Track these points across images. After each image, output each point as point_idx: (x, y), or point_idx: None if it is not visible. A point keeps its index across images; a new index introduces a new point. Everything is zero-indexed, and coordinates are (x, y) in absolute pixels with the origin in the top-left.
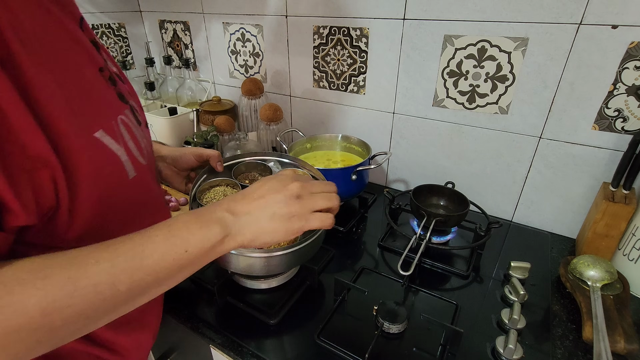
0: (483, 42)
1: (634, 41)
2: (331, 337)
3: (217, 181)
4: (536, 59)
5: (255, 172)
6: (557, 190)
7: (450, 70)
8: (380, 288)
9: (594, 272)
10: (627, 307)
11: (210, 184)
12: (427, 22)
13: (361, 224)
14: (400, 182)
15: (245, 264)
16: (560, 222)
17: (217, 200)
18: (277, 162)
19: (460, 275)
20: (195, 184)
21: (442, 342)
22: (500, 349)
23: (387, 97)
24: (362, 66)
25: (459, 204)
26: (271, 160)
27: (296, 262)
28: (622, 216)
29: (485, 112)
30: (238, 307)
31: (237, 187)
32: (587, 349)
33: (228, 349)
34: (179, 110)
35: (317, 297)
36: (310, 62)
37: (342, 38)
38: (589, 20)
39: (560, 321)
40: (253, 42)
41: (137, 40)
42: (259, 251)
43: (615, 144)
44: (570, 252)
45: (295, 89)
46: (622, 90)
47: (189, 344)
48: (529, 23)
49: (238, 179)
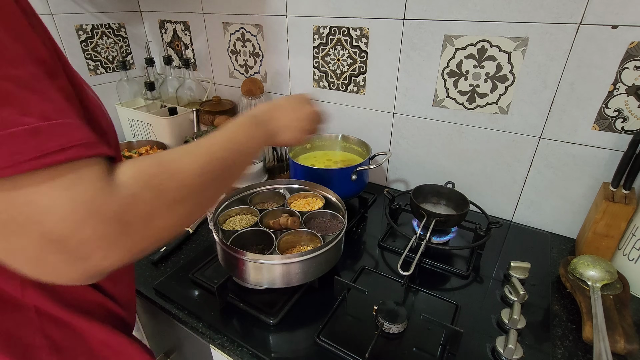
0: (483, 42)
1: (634, 41)
2: (331, 337)
3: (235, 210)
4: (536, 59)
5: (271, 201)
6: (557, 190)
7: (450, 70)
8: (380, 288)
9: (594, 272)
10: (627, 307)
11: (228, 214)
12: (427, 22)
13: (361, 224)
14: (400, 182)
15: (268, 276)
16: (560, 222)
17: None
18: (285, 189)
19: (460, 275)
20: (216, 211)
21: (442, 342)
22: (500, 349)
23: (387, 97)
24: (362, 66)
25: (459, 204)
26: (281, 188)
27: (314, 272)
28: (622, 216)
29: (485, 112)
30: (238, 307)
31: (254, 214)
32: (587, 349)
33: (228, 349)
34: (179, 110)
35: (317, 297)
36: (310, 62)
37: (342, 38)
38: (589, 20)
39: (560, 321)
40: (253, 42)
41: (137, 40)
42: (279, 258)
43: (615, 144)
44: (570, 252)
45: (295, 89)
46: (622, 90)
47: (189, 344)
48: (529, 23)
49: (256, 207)
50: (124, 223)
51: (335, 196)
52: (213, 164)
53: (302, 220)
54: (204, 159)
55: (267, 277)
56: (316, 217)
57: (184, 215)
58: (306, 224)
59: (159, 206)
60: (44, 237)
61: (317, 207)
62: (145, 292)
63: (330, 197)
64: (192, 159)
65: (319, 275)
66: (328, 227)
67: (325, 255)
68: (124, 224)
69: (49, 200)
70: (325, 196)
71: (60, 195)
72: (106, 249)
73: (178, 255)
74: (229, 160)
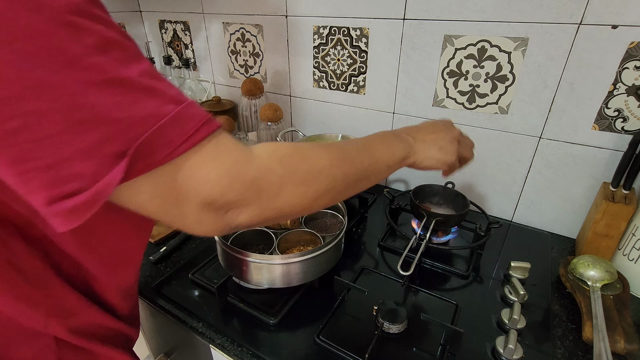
0: (483, 42)
1: (634, 41)
2: (331, 337)
3: None
4: (536, 59)
5: None
6: (557, 190)
7: (450, 70)
8: (380, 288)
9: (594, 272)
10: (627, 307)
11: None
12: (427, 22)
13: (361, 224)
14: (400, 182)
15: (268, 276)
16: (560, 222)
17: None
18: None
19: (460, 275)
20: None
21: (442, 342)
22: (500, 349)
23: (387, 97)
24: (362, 66)
25: (459, 204)
26: None
27: (314, 272)
28: (622, 216)
29: (485, 112)
30: (238, 307)
31: None
32: (587, 349)
33: (228, 349)
34: None
35: (317, 297)
36: (310, 62)
37: (342, 38)
38: (589, 20)
39: (560, 321)
40: (253, 42)
41: (137, 40)
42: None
43: (615, 144)
44: (570, 252)
45: (295, 89)
46: (622, 90)
47: (189, 344)
48: (529, 23)
49: None
50: (257, 189)
51: None
52: (344, 161)
53: (302, 220)
54: (336, 154)
55: (267, 277)
56: (316, 217)
57: (308, 197)
58: (306, 224)
59: (288, 183)
60: (203, 202)
61: None
62: (145, 292)
63: None
64: (325, 150)
65: (319, 275)
66: (328, 227)
67: (325, 255)
68: (257, 189)
69: (203, 172)
70: None
71: (212, 166)
72: (242, 208)
73: (178, 255)
74: (362, 163)
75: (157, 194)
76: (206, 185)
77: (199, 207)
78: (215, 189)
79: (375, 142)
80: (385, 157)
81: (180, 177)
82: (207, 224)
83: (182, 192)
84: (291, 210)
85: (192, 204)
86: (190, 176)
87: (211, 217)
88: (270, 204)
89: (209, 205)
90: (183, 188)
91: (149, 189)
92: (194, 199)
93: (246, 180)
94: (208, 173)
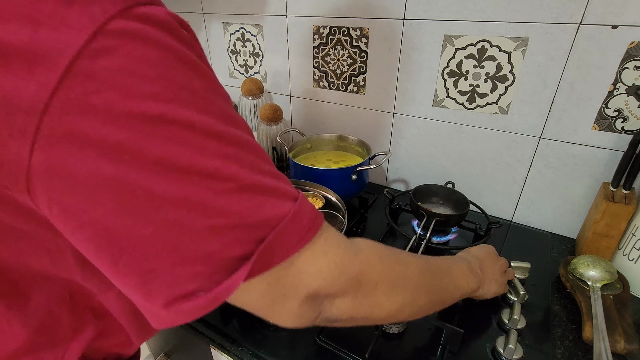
0: (483, 42)
1: (634, 41)
2: (331, 337)
3: None
4: (536, 59)
5: None
6: (557, 190)
7: (450, 70)
8: None
9: (594, 272)
10: (627, 307)
11: None
12: (427, 22)
13: (361, 224)
14: (400, 182)
15: None
16: (560, 222)
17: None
18: None
19: None
20: None
21: (442, 342)
22: (500, 349)
23: (387, 97)
24: (362, 66)
25: (459, 204)
26: None
27: None
28: (622, 216)
29: (485, 112)
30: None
31: None
32: (587, 349)
33: (228, 349)
34: None
35: None
36: (310, 62)
37: (342, 38)
38: (589, 20)
39: (560, 321)
40: (253, 42)
41: None
42: None
43: (615, 144)
44: (570, 252)
45: (295, 89)
46: (622, 90)
47: (189, 344)
48: (529, 23)
49: None
50: (358, 282)
51: (335, 196)
52: (428, 274)
53: None
54: (423, 265)
55: None
56: None
57: (396, 302)
58: None
59: (384, 282)
60: (309, 295)
61: (317, 207)
62: None
63: (330, 197)
64: (415, 259)
65: None
66: None
67: None
68: (358, 282)
69: (315, 266)
70: (325, 196)
71: (323, 261)
72: (339, 298)
73: None
74: (439, 281)
75: (268, 291)
76: (317, 279)
77: (303, 301)
78: (325, 281)
79: (454, 268)
80: (462, 285)
81: (292, 273)
82: (305, 317)
83: (292, 286)
84: (379, 314)
85: (298, 298)
86: (303, 271)
87: (310, 309)
88: (365, 299)
89: (313, 298)
90: (294, 283)
91: (261, 288)
92: (302, 293)
93: (351, 272)
94: (320, 267)
